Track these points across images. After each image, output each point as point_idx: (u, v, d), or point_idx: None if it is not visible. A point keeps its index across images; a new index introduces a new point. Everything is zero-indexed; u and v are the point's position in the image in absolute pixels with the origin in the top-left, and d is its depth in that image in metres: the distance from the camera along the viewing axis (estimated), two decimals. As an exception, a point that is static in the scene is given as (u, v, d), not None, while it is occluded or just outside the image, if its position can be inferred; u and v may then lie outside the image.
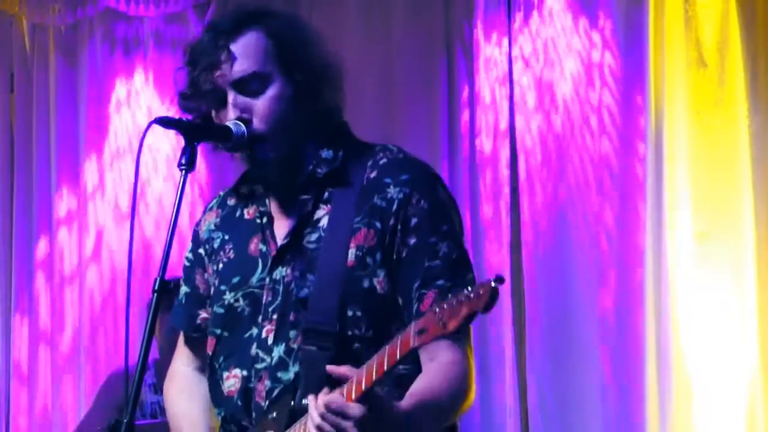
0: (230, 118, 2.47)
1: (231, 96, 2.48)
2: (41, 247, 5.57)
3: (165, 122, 2.44)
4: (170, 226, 2.36)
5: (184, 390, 2.69)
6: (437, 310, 2.07)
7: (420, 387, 2.37)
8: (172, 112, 2.59)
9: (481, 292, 2.02)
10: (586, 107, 4.67)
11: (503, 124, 4.82)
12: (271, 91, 2.48)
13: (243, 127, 2.46)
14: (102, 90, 5.55)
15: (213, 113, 2.51)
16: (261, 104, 2.47)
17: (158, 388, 4.41)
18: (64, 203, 5.57)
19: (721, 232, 4.39)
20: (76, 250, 5.53)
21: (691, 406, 4.36)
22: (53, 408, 5.46)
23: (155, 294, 2.30)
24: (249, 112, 2.47)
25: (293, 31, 2.54)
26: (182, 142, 2.41)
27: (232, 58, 2.46)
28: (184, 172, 2.37)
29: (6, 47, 5.71)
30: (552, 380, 4.64)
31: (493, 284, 2.00)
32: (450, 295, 2.09)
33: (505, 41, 4.86)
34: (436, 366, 2.39)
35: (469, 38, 4.94)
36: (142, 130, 2.41)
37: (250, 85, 2.48)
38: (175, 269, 2.65)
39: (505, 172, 4.79)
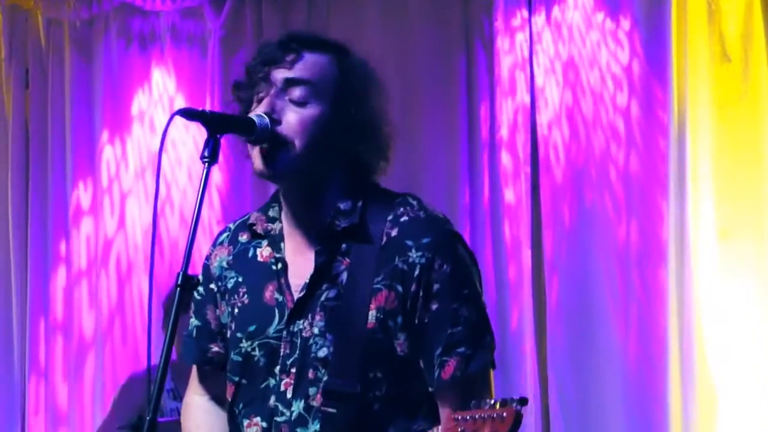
0: (258, 111, 2.43)
1: (273, 90, 2.45)
2: (57, 244, 5.54)
3: (187, 114, 2.40)
4: (193, 219, 2.31)
5: (201, 425, 2.66)
6: (460, 419, 2.09)
7: None
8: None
9: (505, 415, 2.02)
10: (608, 102, 4.62)
11: (524, 120, 4.77)
12: (312, 110, 2.45)
13: (267, 120, 2.42)
14: (117, 85, 5.51)
15: (253, 106, 2.48)
16: (295, 115, 2.44)
17: (177, 394, 4.36)
18: (79, 199, 5.54)
19: (745, 228, 4.35)
20: (93, 247, 5.50)
21: (714, 403, 4.32)
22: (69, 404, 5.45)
23: (178, 288, 2.26)
24: (280, 114, 2.44)
25: (363, 77, 2.52)
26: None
27: (296, 60, 2.45)
28: (207, 164, 2.33)
29: (21, 43, 5.67)
30: (573, 378, 4.60)
31: (516, 407, 2.01)
32: (474, 406, 2.09)
33: (526, 36, 4.81)
34: None
35: (488, 34, 4.89)
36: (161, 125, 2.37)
37: (297, 91, 2.44)
38: (198, 265, 2.61)
39: (525, 168, 4.75)
